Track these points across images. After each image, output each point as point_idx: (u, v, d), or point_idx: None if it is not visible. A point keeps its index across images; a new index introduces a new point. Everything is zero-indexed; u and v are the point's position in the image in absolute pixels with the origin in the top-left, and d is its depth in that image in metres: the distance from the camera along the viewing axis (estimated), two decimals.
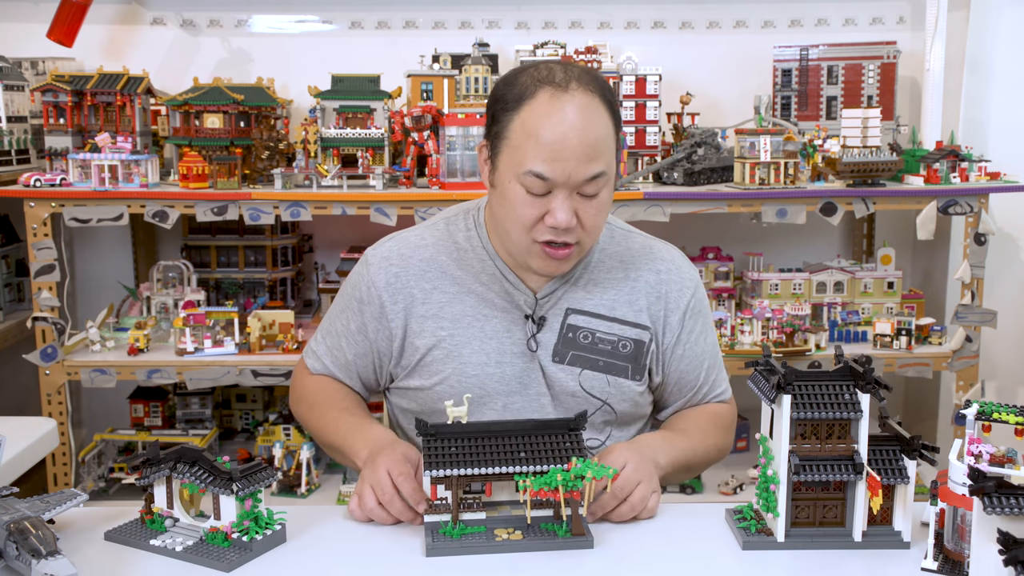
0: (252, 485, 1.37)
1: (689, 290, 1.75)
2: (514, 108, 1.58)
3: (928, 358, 2.92)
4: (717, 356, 1.84)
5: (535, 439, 1.41)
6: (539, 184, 1.55)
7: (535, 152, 1.54)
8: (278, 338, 2.93)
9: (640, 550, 1.41)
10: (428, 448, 1.38)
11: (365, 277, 1.75)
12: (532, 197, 1.57)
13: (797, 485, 1.37)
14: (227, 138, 2.94)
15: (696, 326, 1.77)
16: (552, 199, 1.56)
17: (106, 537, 1.43)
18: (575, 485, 1.34)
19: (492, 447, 1.39)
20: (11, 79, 3.02)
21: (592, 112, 1.56)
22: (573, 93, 1.55)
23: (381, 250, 1.77)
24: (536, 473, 1.36)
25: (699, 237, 3.25)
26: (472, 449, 1.38)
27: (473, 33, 3.31)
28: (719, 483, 2.99)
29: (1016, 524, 1.17)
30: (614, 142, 1.61)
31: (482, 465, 1.37)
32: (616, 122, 1.62)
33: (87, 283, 3.41)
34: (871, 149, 2.87)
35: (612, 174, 1.60)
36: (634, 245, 1.77)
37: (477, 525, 1.41)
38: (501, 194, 1.61)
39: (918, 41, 3.32)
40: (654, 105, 3.05)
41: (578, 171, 1.54)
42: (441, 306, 1.70)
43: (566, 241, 1.59)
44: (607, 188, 1.60)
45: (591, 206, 1.58)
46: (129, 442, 3.10)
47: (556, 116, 1.54)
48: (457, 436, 1.40)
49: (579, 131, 1.53)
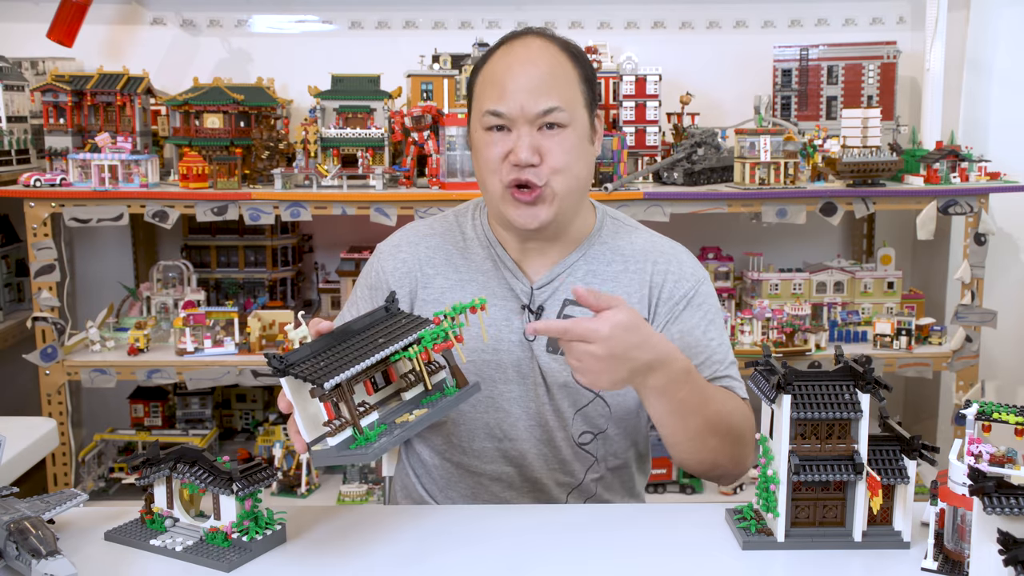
0: (252, 485, 1.37)
1: (688, 283, 1.71)
2: (480, 68, 1.67)
3: (928, 358, 2.92)
4: (725, 354, 1.70)
5: (377, 328, 1.40)
6: (497, 121, 1.60)
7: (489, 92, 1.62)
8: (278, 338, 2.93)
9: (640, 550, 1.41)
10: (303, 374, 1.27)
11: (376, 265, 1.77)
12: (494, 136, 1.61)
13: (797, 485, 1.37)
14: (227, 138, 2.94)
15: (688, 317, 1.68)
16: (514, 137, 1.60)
17: (106, 537, 1.43)
18: (438, 340, 1.37)
19: (354, 348, 1.34)
20: (11, 79, 3.02)
21: (544, 52, 1.62)
22: (526, 39, 1.64)
23: (393, 239, 1.81)
24: (407, 346, 1.36)
25: (699, 237, 3.25)
26: (339, 356, 1.32)
27: (473, 33, 3.31)
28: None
29: (1016, 524, 1.17)
30: (576, 85, 1.63)
31: (359, 361, 1.30)
32: (582, 71, 1.65)
33: (87, 283, 3.41)
34: (871, 149, 2.87)
35: (577, 117, 1.62)
36: (637, 240, 1.76)
37: (378, 426, 1.33)
38: (474, 149, 1.68)
39: (918, 41, 3.32)
40: (654, 105, 3.05)
41: (529, 103, 1.58)
42: (443, 291, 1.72)
43: (531, 181, 1.59)
44: (572, 130, 1.61)
45: (554, 143, 1.60)
46: (129, 442, 3.10)
47: (509, 57, 1.62)
48: (316, 354, 1.32)
49: (527, 64, 1.60)
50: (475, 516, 1.56)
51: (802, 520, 1.39)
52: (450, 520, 1.52)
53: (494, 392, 1.69)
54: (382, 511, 1.64)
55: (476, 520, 1.53)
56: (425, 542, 1.42)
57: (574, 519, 1.52)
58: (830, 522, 1.40)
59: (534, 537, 1.45)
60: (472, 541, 1.43)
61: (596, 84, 1.69)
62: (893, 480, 1.36)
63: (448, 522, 1.51)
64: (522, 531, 1.47)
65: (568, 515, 1.54)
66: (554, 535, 1.46)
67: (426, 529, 1.47)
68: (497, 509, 1.59)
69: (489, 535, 1.46)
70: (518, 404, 1.69)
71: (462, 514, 1.58)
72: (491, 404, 1.69)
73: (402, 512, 1.58)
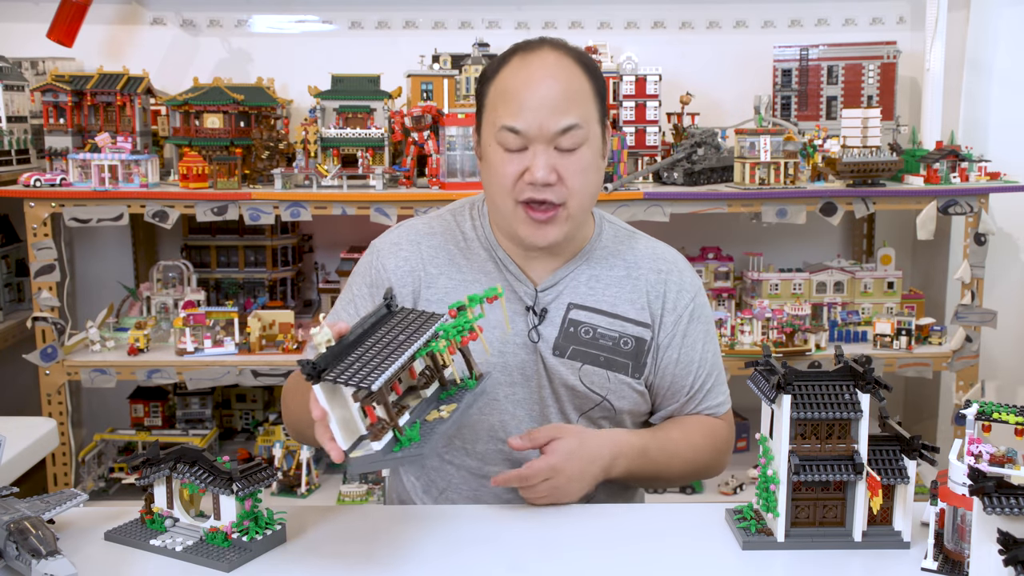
0: (252, 485, 1.37)
1: (689, 294, 1.74)
2: (491, 77, 1.64)
3: (928, 358, 2.92)
4: (717, 366, 1.79)
5: (391, 325, 1.37)
6: (513, 139, 1.58)
7: (506, 108, 1.58)
8: (278, 338, 2.93)
9: (640, 550, 1.41)
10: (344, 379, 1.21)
11: (375, 263, 1.75)
12: (510, 155, 1.59)
13: (797, 485, 1.37)
14: (227, 138, 2.94)
15: (693, 331, 1.74)
16: (530, 155, 1.58)
17: (106, 537, 1.43)
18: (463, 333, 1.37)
19: (380, 347, 1.30)
20: (11, 79, 3.02)
21: (562, 67, 1.60)
22: (542, 52, 1.61)
23: (391, 236, 1.77)
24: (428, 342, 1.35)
25: (699, 237, 3.25)
26: (370, 357, 1.27)
27: (473, 33, 3.31)
28: (719, 483, 2.99)
29: (1016, 524, 1.17)
30: (592, 101, 1.62)
31: (393, 360, 1.26)
32: (596, 85, 1.64)
33: (87, 283, 3.41)
34: (871, 149, 2.87)
35: (592, 133, 1.61)
36: (638, 246, 1.77)
37: (411, 427, 1.31)
38: (485, 161, 1.65)
39: (918, 41, 3.32)
40: (654, 105, 3.05)
41: (548, 122, 1.56)
42: (446, 292, 1.70)
43: (547, 199, 1.58)
44: (588, 147, 1.60)
45: (571, 162, 1.59)
46: (129, 442, 3.10)
47: (525, 72, 1.59)
48: (344, 357, 1.28)
49: (546, 82, 1.57)
50: (475, 516, 1.56)
51: (802, 520, 1.39)
52: (450, 520, 1.52)
53: (499, 394, 1.69)
54: (382, 511, 1.64)
55: (476, 520, 1.53)
56: (425, 542, 1.42)
57: (574, 519, 1.52)
58: (830, 522, 1.40)
59: (534, 537, 1.45)
60: (472, 541, 1.43)
61: (606, 96, 1.69)
62: (893, 480, 1.36)
63: (448, 522, 1.51)
64: (522, 531, 1.47)
65: (568, 515, 1.54)
66: (554, 535, 1.46)
67: (426, 529, 1.47)
68: (497, 509, 1.59)
69: (489, 535, 1.46)
70: (522, 406, 1.69)
71: (462, 514, 1.58)
72: (495, 406, 1.69)
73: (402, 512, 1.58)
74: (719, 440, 1.77)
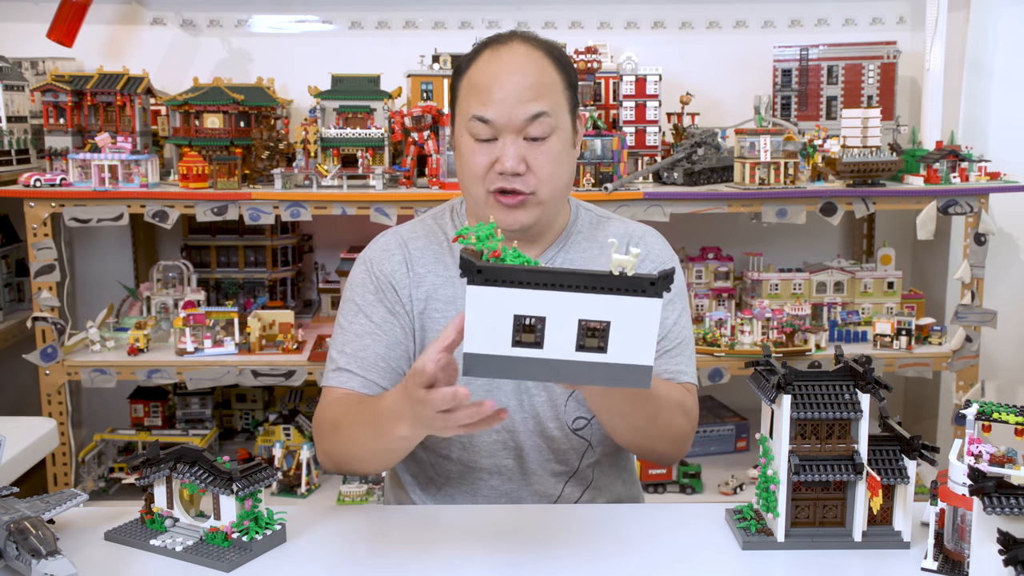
0: (252, 485, 1.37)
1: (655, 264, 1.74)
2: (464, 70, 1.67)
3: (928, 358, 2.92)
4: (684, 339, 1.74)
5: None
6: (483, 128, 1.60)
7: (476, 98, 1.61)
8: (278, 338, 2.93)
9: (640, 550, 1.41)
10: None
11: (372, 270, 1.76)
12: (480, 144, 1.62)
13: (797, 485, 1.37)
14: (227, 138, 2.94)
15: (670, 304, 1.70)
16: (500, 146, 1.60)
17: (106, 537, 1.44)
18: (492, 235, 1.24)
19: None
20: (11, 79, 3.02)
21: (531, 59, 1.62)
22: (512, 45, 1.64)
23: (378, 244, 1.79)
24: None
25: (699, 237, 3.25)
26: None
27: (473, 33, 3.31)
28: (719, 483, 2.99)
29: (1016, 524, 1.17)
30: (562, 91, 1.64)
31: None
32: (566, 76, 1.66)
33: (87, 283, 3.41)
34: (871, 149, 2.87)
35: (562, 122, 1.63)
36: (610, 227, 1.80)
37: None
38: (458, 152, 1.68)
39: (918, 41, 3.32)
40: (654, 105, 3.06)
41: (516, 111, 1.59)
42: (435, 288, 1.73)
43: (516, 188, 1.61)
44: (557, 136, 1.62)
45: (540, 152, 1.61)
46: (129, 442, 3.10)
47: (495, 64, 1.62)
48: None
49: (514, 72, 1.60)
50: (475, 516, 1.56)
51: (802, 520, 1.40)
52: (450, 520, 1.53)
53: (491, 385, 1.69)
54: (382, 511, 1.64)
55: (476, 520, 1.53)
56: (425, 542, 1.43)
57: (574, 519, 1.52)
58: (830, 522, 1.40)
59: (534, 537, 1.45)
60: (472, 541, 1.43)
61: (578, 87, 1.72)
62: (893, 480, 1.37)
63: (448, 522, 1.51)
64: (522, 531, 1.47)
65: (568, 515, 1.54)
66: (554, 535, 1.46)
67: (426, 529, 1.48)
68: (496, 509, 1.59)
69: (489, 535, 1.46)
70: (513, 396, 1.70)
71: (462, 514, 1.58)
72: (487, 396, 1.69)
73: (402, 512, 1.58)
74: (687, 405, 1.69)
